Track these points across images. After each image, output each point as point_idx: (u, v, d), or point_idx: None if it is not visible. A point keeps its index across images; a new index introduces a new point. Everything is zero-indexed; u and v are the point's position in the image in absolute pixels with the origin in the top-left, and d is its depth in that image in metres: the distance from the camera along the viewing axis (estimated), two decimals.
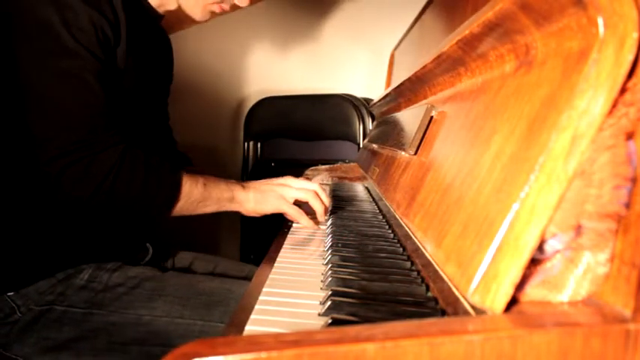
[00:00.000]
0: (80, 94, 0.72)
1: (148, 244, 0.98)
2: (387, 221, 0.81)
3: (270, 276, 0.56)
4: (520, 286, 0.33)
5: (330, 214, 0.88)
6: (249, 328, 0.42)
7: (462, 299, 0.35)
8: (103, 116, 0.74)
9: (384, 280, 0.51)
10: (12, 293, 0.77)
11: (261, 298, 0.49)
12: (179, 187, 0.77)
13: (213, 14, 0.95)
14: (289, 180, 0.86)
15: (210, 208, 0.82)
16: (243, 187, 0.84)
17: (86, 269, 0.81)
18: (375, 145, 1.15)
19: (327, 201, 0.86)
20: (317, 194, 0.84)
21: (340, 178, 1.39)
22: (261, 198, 0.83)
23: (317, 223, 0.84)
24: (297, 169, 1.43)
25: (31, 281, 0.78)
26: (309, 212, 0.85)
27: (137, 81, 0.87)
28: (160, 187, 0.76)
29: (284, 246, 0.71)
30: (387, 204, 0.74)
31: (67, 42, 0.71)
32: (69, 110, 0.71)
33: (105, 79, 0.76)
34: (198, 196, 0.79)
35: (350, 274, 0.54)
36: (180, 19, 1.81)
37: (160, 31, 1.03)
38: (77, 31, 0.71)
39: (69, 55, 0.71)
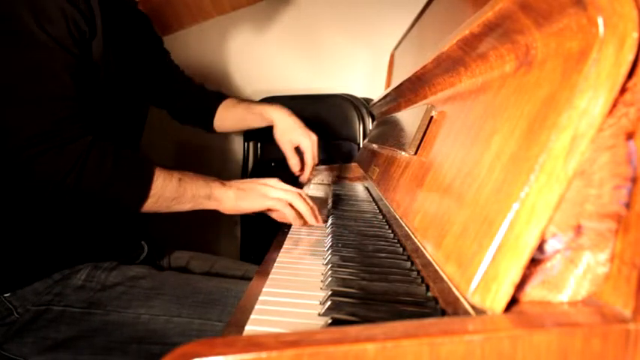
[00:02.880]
0: (46, 85, 0.71)
1: (143, 242, 0.98)
2: (387, 221, 0.81)
3: (270, 276, 0.56)
4: (520, 286, 0.33)
5: (329, 214, 0.87)
6: (249, 328, 0.42)
7: (462, 299, 0.35)
8: (69, 108, 0.73)
9: (384, 280, 0.51)
10: (8, 294, 0.77)
11: (261, 298, 0.49)
12: (150, 182, 0.74)
13: None
14: (272, 181, 0.84)
15: (186, 205, 0.79)
16: (224, 184, 0.82)
17: (83, 269, 0.81)
18: (375, 145, 1.15)
19: (311, 204, 0.83)
20: (300, 195, 0.82)
21: (340, 178, 1.39)
22: (242, 195, 0.81)
23: (305, 223, 0.82)
24: None
25: (28, 282, 0.78)
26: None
27: (119, 63, 0.85)
28: (128, 182, 0.74)
29: (284, 246, 0.71)
30: (387, 204, 0.74)
31: (35, 32, 0.70)
32: (35, 102, 0.70)
33: (75, 71, 0.74)
34: (172, 192, 0.77)
35: (350, 274, 0.54)
36: (178, 14, 1.81)
37: (135, 13, 1.03)
38: (46, 21, 0.70)
39: (37, 47, 0.70)
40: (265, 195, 0.81)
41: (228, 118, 1.25)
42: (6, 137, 0.69)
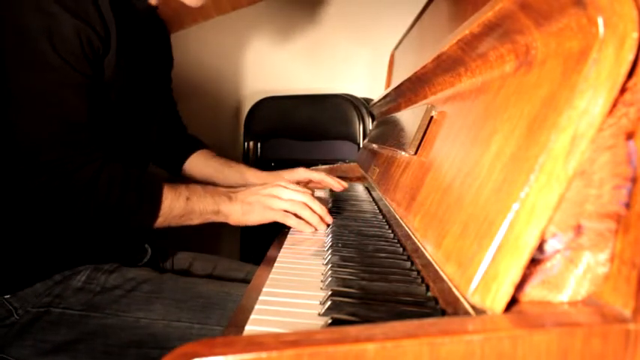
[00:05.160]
0: (57, 110, 0.71)
1: (146, 245, 0.98)
2: (387, 221, 0.81)
3: (270, 276, 0.56)
4: (520, 286, 0.33)
5: (329, 214, 0.87)
6: (249, 328, 0.42)
7: (462, 299, 0.35)
8: (80, 132, 0.73)
9: (384, 280, 0.51)
10: (8, 296, 0.77)
11: (261, 298, 0.49)
12: (159, 204, 0.76)
13: None
14: (279, 190, 0.81)
15: (194, 221, 0.80)
16: (230, 198, 0.81)
17: (83, 271, 0.80)
18: (375, 145, 1.15)
19: (319, 209, 0.81)
20: (306, 205, 0.80)
21: (340, 178, 1.38)
22: (248, 209, 0.80)
23: (315, 229, 0.81)
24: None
25: (28, 283, 0.77)
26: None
27: (129, 83, 0.85)
28: (137, 205, 0.75)
29: (284, 246, 0.71)
30: (387, 204, 0.74)
31: (48, 54, 0.69)
32: (45, 126, 0.70)
33: (87, 91, 0.74)
34: (180, 210, 0.78)
35: (350, 274, 0.54)
36: (179, 14, 1.81)
37: (154, 21, 1.01)
38: (60, 42, 0.69)
39: (48, 69, 0.69)
40: (270, 208, 0.80)
41: (204, 166, 1.18)
42: (18, 159, 0.69)
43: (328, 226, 0.82)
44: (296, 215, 0.80)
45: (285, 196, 0.81)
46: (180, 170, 1.19)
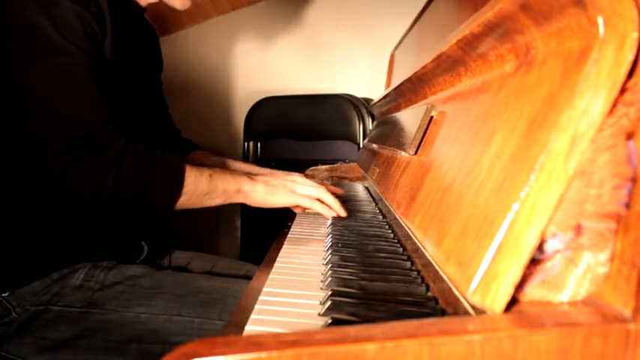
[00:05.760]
0: (75, 90, 0.72)
1: (142, 243, 0.98)
2: (387, 221, 0.81)
3: (270, 276, 0.56)
4: (520, 286, 0.33)
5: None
6: (249, 328, 0.42)
7: (462, 299, 0.35)
8: (101, 111, 0.74)
9: (384, 280, 0.51)
10: (7, 294, 0.77)
11: (261, 298, 0.49)
12: (182, 179, 0.76)
13: (194, 1, 0.93)
14: (297, 177, 0.86)
15: (216, 200, 0.80)
16: (251, 179, 0.83)
17: (81, 269, 0.80)
18: (375, 145, 1.15)
19: (336, 198, 0.86)
20: (327, 190, 0.85)
21: (340, 178, 1.38)
22: (272, 190, 0.82)
23: (337, 214, 0.85)
24: (297, 169, 1.42)
25: (26, 281, 0.77)
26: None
27: (124, 73, 0.86)
28: (163, 181, 0.75)
29: (284, 246, 0.71)
30: (387, 204, 0.74)
31: (56, 40, 0.70)
32: (66, 108, 0.71)
33: (97, 73, 0.75)
34: (204, 188, 0.78)
35: (350, 274, 0.54)
36: (177, 15, 1.81)
37: (143, 23, 1.03)
38: (64, 27, 0.71)
39: (59, 53, 0.71)
40: (293, 191, 0.83)
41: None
42: (42, 147, 0.70)
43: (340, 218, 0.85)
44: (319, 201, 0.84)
45: (306, 183, 0.85)
46: None
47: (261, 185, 0.82)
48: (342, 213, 0.84)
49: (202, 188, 0.78)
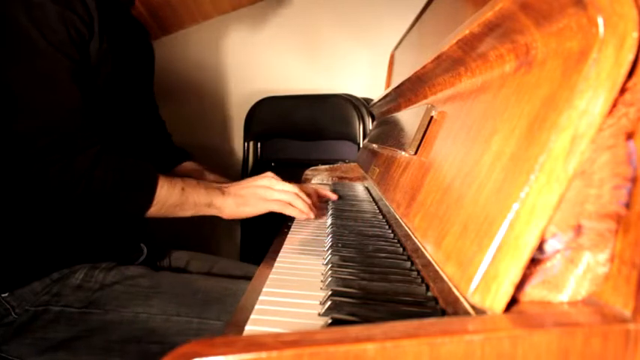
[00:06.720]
0: (54, 95, 0.72)
1: (142, 245, 0.98)
2: (387, 221, 0.81)
3: (270, 276, 0.56)
4: (520, 286, 0.33)
5: (330, 214, 0.87)
6: (249, 328, 0.42)
7: (462, 299, 0.35)
8: (78, 117, 0.74)
9: (384, 280, 0.51)
10: (6, 294, 0.77)
11: (261, 298, 0.49)
12: (153, 191, 0.77)
13: None
14: (268, 180, 0.85)
15: (188, 212, 0.82)
16: (223, 192, 0.83)
17: (81, 269, 0.81)
18: (375, 145, 1.15)
19: (308, 200, 0.85)
20: (298, 195, 0.84)
21: (340, 178, 1.38)
22: (242, 201, 0.83)
23: (308, 217, 0.85)
24: (297, 169, 1.42)
25: (26, 282, 0.78)
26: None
27: (111, 76, 0.86)
28: (133, 191, 0.76)
29: (284, 246, 0.71)
30: (387, 204, 0.74)
31: (38, 42, 0.70)
32: (45, 112, 0.71)
33: (79, 77, 0.75)
34: (175, 200, 0.79)
35: (350, 274, 0.54)
36: (178, 15, 1.81)
37: (133, 22, 1.03)
38: (48, 30, 0.71)
39: (41, 56, 0.71)
40: (265, 198, 0.83)
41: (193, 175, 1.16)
42: (21, 147, 0.70)
43: (325, 222, 0.84)
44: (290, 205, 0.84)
45: (277, 187, 0.84)
46: None
47: (231, 199, 0.83)
48: (312, 215, 0.85)
49: (174, 200, 0.79)
